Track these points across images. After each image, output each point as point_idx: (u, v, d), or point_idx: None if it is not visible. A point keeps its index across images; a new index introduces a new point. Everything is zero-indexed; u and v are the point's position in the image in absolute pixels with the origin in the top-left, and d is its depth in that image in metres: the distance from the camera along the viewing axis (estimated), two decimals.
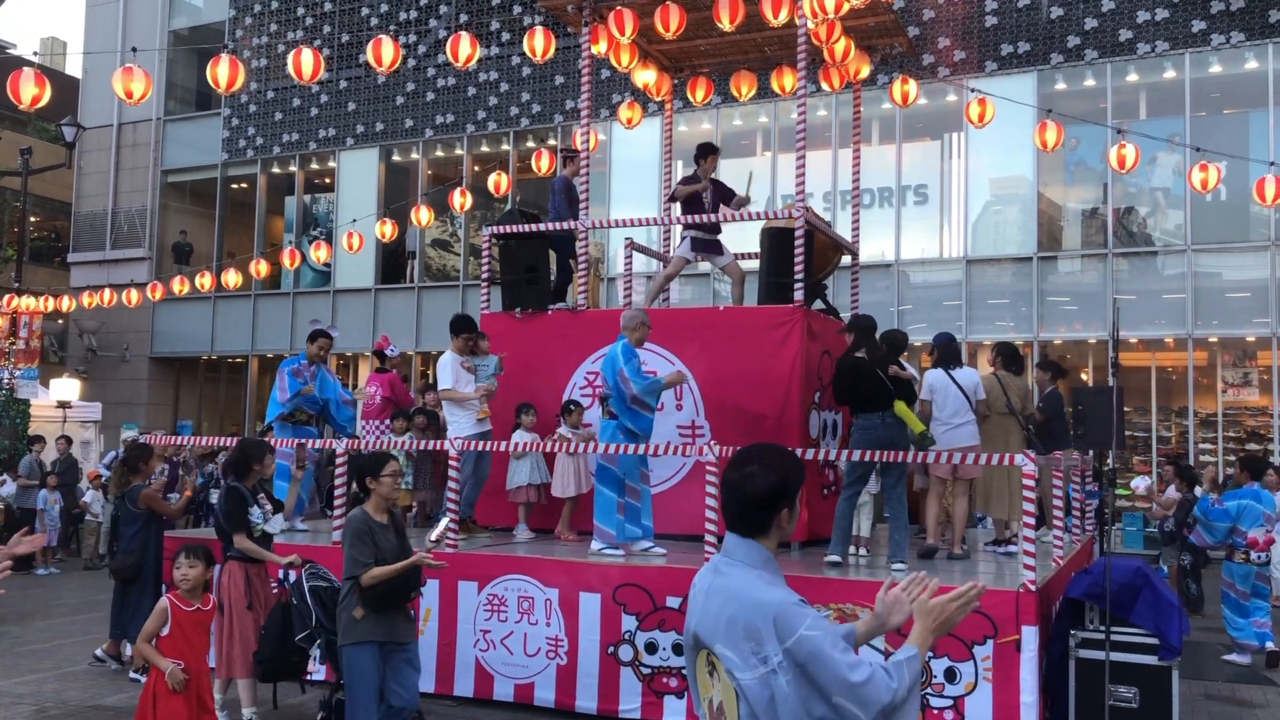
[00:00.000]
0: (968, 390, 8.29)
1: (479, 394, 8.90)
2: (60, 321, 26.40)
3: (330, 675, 6.67)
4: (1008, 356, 9.28)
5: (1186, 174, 13.52)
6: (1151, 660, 6.37)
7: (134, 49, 10.25)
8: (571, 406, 9.02)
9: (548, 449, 8.85)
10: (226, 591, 6.89)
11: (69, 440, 17.34)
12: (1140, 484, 17.13)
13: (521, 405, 9.14)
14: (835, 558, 7.60)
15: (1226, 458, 17.11)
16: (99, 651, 8.69)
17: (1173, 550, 12.35)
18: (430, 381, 11.96)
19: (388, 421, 10.29)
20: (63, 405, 19.17)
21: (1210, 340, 17.64)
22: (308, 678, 6.88)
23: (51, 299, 20.56)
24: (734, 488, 2.64)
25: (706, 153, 9.90)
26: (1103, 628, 6.44)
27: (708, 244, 9.88)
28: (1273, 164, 13.14)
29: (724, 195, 9.85)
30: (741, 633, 2.46)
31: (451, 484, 8.25)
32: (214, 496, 13.80)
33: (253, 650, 6.73)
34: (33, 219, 30.12)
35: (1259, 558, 9.63)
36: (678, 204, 9.95)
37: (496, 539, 8.91)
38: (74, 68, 31.06)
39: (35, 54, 13.01)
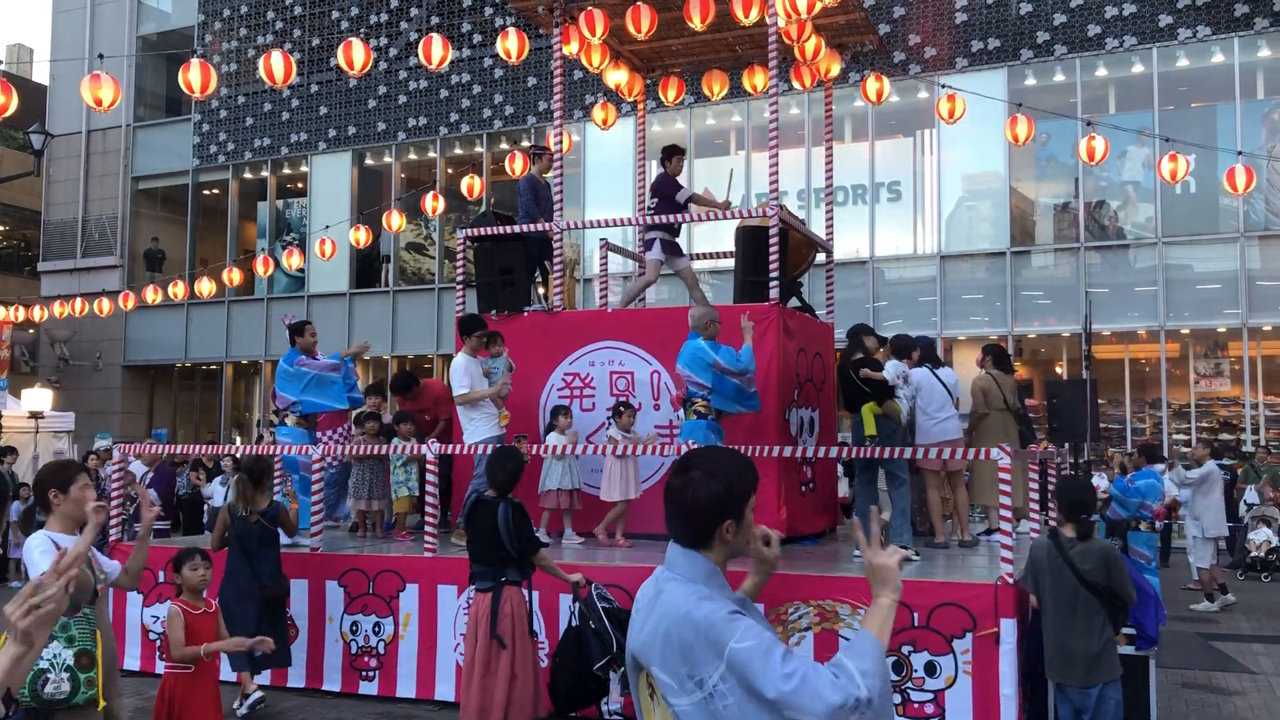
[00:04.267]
0: (950, 386, 8.77)
1: (493, 393, 8.69)
2: (31, 331, 26.12)
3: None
4: (998, 356, 9.72)
5: (1156, 166, 13.67)
6: (1129, 650, 6.42)
7: (100, 55, 10.18)
8: (621, 409, 8.66)
9: (597, 452, 8.61)
10: (510, 623, 6.04)
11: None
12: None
13: (557, 407, 8.91)
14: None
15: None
16: (254, 694, 7.58)
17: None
18: (376, 383, 11.69)
19: (341, 429, 10.00)
20: (35, 415, 18.98)
21: (1182, 332, 17.81)
22: (602, 708, 6.27)
23: (22, 308, 20.37)
24: (673, 495, 2.38)
25: (672, 153, 9.89)
26: None
27: (672, 245, 9.87)
28: (1240, 153, 13.28)
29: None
30: (676, 654, 2.22)
31: (430, 488, 8.23)
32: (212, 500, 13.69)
33: (542, 683, 6.09)
34: (1, 228, 29.81)
35: (1160, 526, 10.91)
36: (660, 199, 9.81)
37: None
38: (41, 75, 30.80)
39: (1, 61, 12.87)
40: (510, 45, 10.18)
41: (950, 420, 8.67)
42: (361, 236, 17.38)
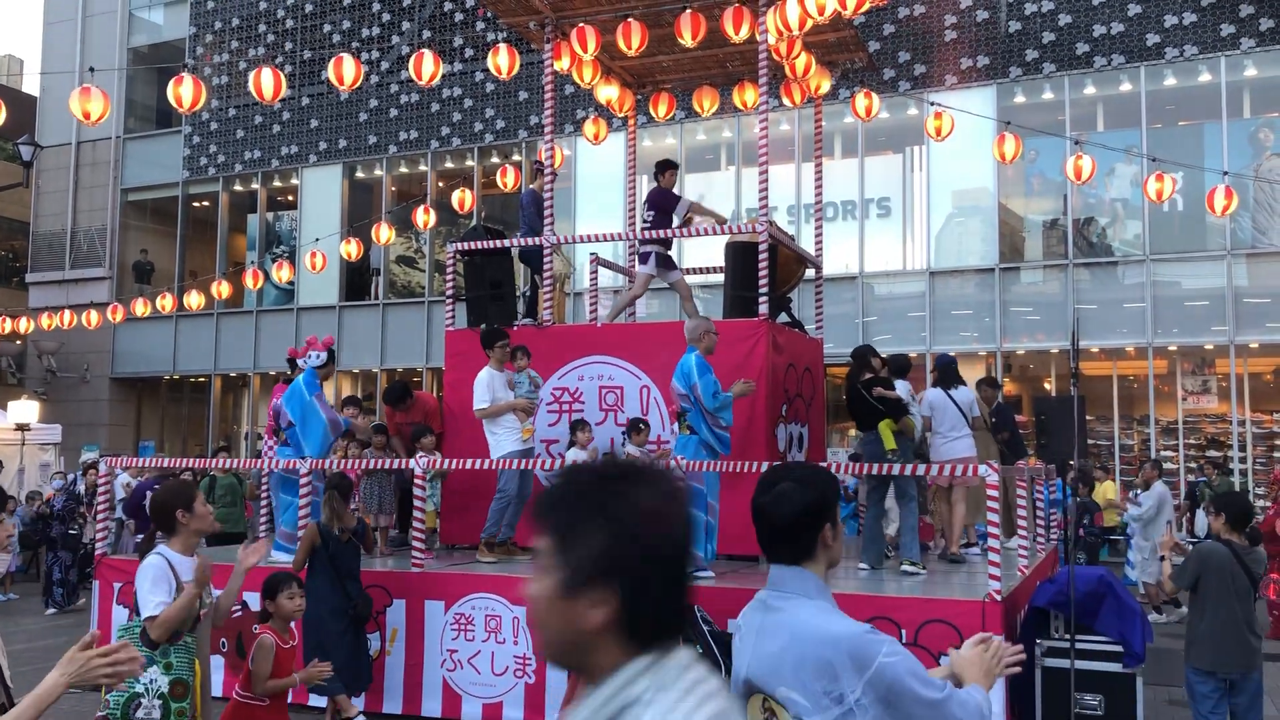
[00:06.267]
0: (964, 407, 9.02)
1: (515, 407, 8.56)
2: (19, 342, 26.02)
3: None
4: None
5: (1143, 185, 13.75)
6: (1116, 667, 6.43)
7: (91, 69, 10.18)
8: (641, 425, 8.62)
9: None
10: None
11: None
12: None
13: (577, 422, 8.89)
14: (863, 566, 8.35)
15: (1187, 464, 17.33)
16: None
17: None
18: (351, 397, 11.43)
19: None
20: (21, 428, 18.88)
21: (1170, 349, 17.87)
22: None
23: (9, 320, 20.27)
24: (766, 512, 2.38)
25: (665, 168, 9.91)
26: (1068, 636, 6.49)
27: (665, 259, 9.89)
28: (1226, 174, 13.37)
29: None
30: (812, 672, 2.21)
31: (417, 502, 8.20)
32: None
33: None
34: None
35: None
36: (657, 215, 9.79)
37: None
38: (31, 86, 30.75)
39: None
40: (501, 61, 10.21)
41: (962, 440, 8.93)
42: (352, 249, 17.37)
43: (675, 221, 9.66)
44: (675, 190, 9.96)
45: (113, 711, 4.13)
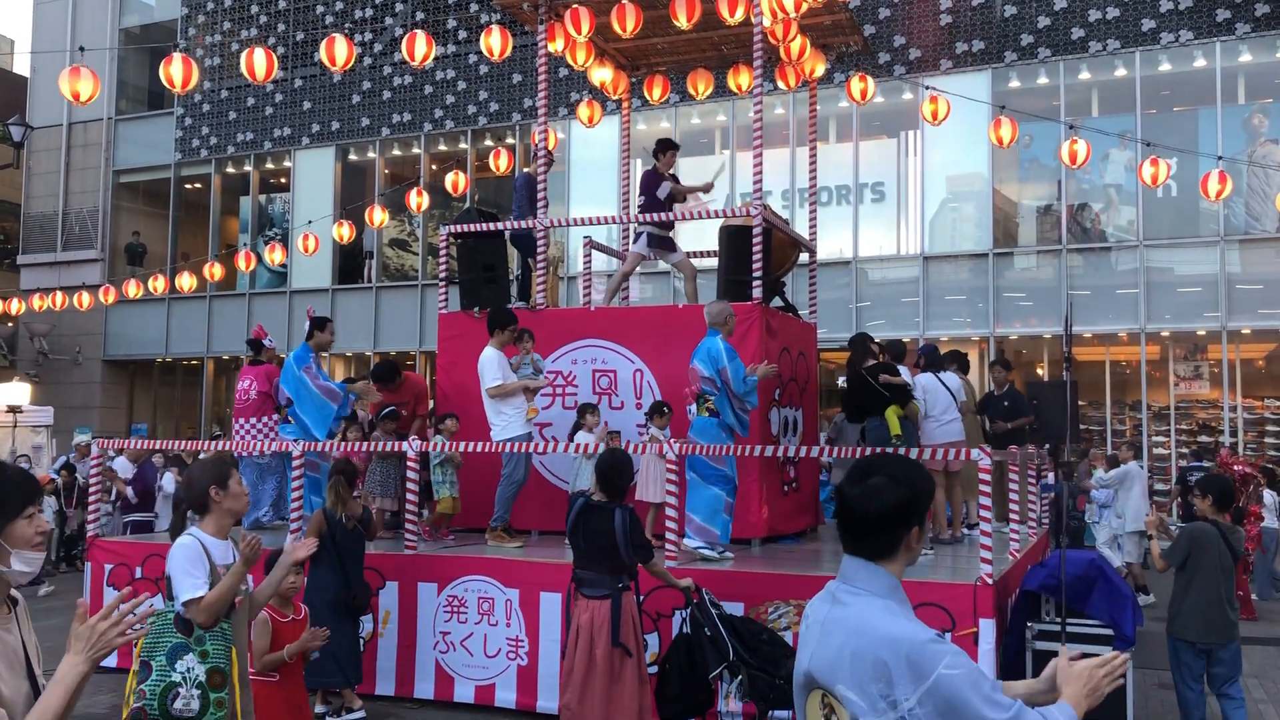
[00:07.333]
0: (953, 390, 9.24)
1: (526, 385, 8.50)
2: (10, 324, 25.93)
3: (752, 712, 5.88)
4: (953, 358, 9.93)
5: (1138, 170, 13.75)
6: (1106, 650, 6.45)
7: (81, 48, 10.12)
8: (665, 408, 8.52)
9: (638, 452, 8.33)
10: (630, 627, 5.85)
11: None
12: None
13: (584, 405, 8.85)
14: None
15: (1179, 449, 17.38)
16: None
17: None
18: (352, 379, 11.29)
19: (266, 419, 9.72)
20: (13, 410, 18.84)
21: (1162, 334, 17.90)
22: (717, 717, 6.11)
23: (0, 301, 20.17)
24: (853, 505, 2.31)
25: (665, 148, 9.89)
26: (1059, 619, 6.52)
27: (662, 240, 9.89)
28: (1220, 159, 13.37)
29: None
30: (869, 672, 2.16)
31: (411, 484, 8.20)
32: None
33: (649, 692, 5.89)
34: None
35: None
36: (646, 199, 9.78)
37: (542, 543, 8.64)
38: (22, 66, 30.53)
39: None
40: (493, 42, 10.16)
41: (954, 423, 9.16)
42: (344, 232, 17.32)
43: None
44: (672, 172, 9.94)
45: (150, 702, 3.96)
